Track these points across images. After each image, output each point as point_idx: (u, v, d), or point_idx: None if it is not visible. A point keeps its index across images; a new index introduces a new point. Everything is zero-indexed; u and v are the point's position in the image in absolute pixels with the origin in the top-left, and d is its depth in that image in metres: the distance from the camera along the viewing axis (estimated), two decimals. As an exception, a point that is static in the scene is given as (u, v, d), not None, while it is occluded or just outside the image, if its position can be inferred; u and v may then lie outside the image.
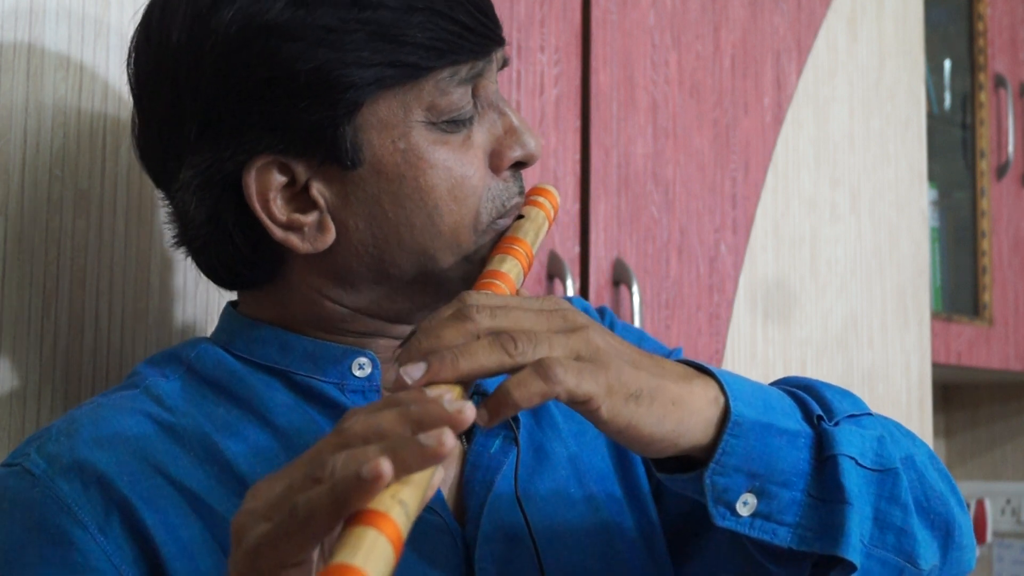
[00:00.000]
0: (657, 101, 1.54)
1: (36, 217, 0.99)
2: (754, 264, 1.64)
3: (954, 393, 2.70)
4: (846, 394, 0.84)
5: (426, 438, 0.60)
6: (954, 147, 2.32)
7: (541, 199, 0.89)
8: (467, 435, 0.88)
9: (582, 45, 1.47)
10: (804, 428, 0.78)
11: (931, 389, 1.93)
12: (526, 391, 0.69)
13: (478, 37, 0.82)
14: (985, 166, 2.27)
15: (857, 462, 0.78)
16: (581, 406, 0.71)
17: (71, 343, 1.00)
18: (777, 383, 0.85)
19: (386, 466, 0.58)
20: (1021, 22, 2.38)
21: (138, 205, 1.05)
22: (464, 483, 0.86)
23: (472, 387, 0.72)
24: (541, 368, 0.69)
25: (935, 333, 2.03)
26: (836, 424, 0.79)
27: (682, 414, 0.74)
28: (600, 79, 1.47)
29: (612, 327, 1.01)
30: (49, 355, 0.99)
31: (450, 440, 0.60)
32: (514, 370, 0.70)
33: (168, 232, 0.96)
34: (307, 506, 0.59)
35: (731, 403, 0.76)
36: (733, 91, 1.64)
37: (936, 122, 2.25)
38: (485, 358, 0.70)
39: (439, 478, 0.65)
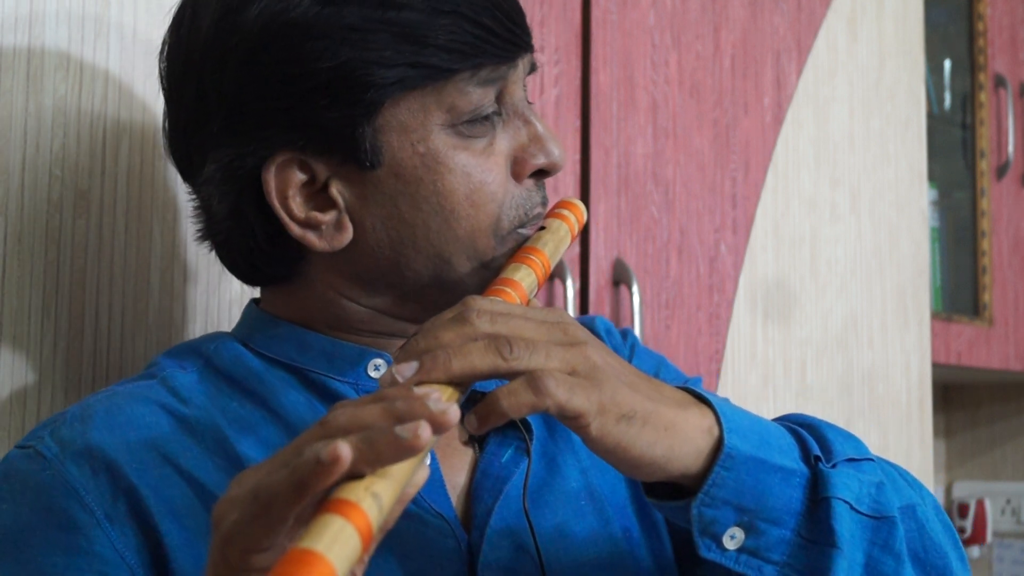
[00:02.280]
0: (657, 101, 1.54)
1: (36, 217, 0.99)
2: (754, 264, 1.64)
3: (954, 393, 2.70)
4: (849, 437, 0.83)
5: (402, 430, 0.60)
6: (954, 147, 2.32)
7: (566, 212, 0.89)
8: (480, 443, 0.88)
9: (582, 45, 1.47)
10: (800, 467, 0.77)
11: (931, 389, 1.93)
12: (515, 401, 0.69)
13: (503, 41, 0.82)
14: (985, 166, 2.27)
15: (852, 507, 0.77)
16: (571, 421, 0.71)
17: (71, 343, 1.00)
18: (780, 419, 0.84)
19: (344, 450, 0.58)
20: (1021, 22, 2.38)
21: (138, 205, 1.05)
22: (473, 490, 0.86)
23: (467, 391, 0.72)
24: (533, 380, 0.69)
25: (935, 333, 2.03)
26: (834, 466, 0.78)
27: (673, 440, 0.73)
28: (600, 79, 1.47)
29: (633, 349, 1.01)
30: (49, 355, 0.99)
31: (426, 434, 0.60)
32: (508, 375, 0.70)
33: (164, 234, 0.96)
34: (268, 490, 0.59)
35: (725, 435, 0.75)
36: (733, 91, 1.64)
37: (936, 122, 2.25)
38: (479, 360, 0.69)
39: (422, 477, 0.65)
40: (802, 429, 0.81)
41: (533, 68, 0.87)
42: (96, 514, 0.77)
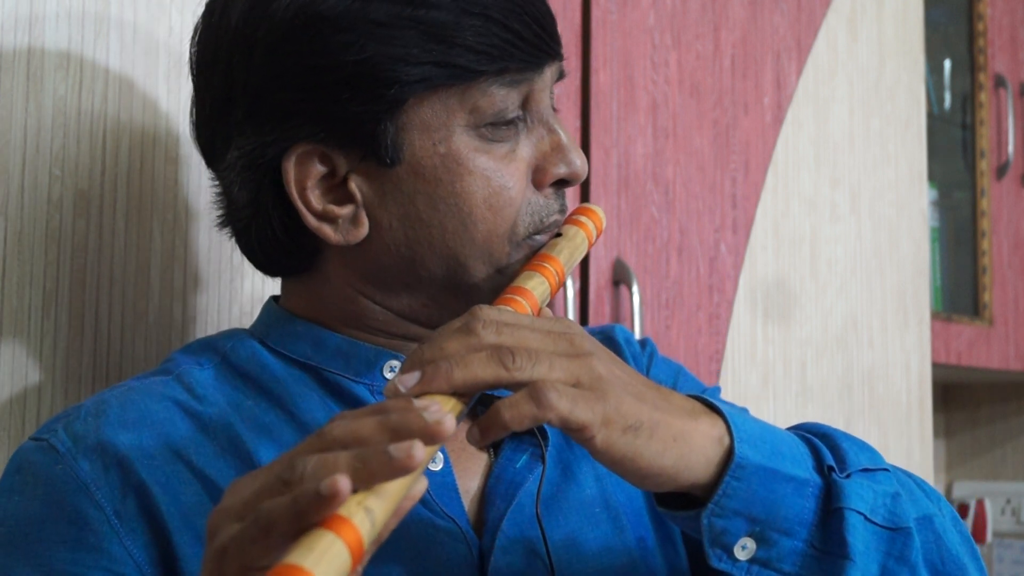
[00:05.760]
0: (657, 101, 1.54)
1: (36, 217, 0.99)
2: (754, 264, 1.64)
3: (954, 393, 2.70)
4: (864, 447, 0.82)
5: (396, 450, 0.60)
6: (954, 147, 2.32)
7: (584, 219, 0.89)
8: (495, 449, 0.88)
9: (582, 45, 1.47)
10: (813, 477, 0.77)
11: (931, 389, 1.93)
12: (517, 412, 0.68)
13: (530, 47, 0.82)
14: (985, 166, 2.27)
15: (866, 518, 0.76)
16: (576, 433, 0.70)
17: (71, 343, 1.00)
18: (795, 428, 0.83)
19: (344, 483, 0.57)
20: (1021, 22, 2.38)
21: (138, 205, 1.05)
22: (486, 495, 0.86)
23: (471, 402, 0.72)
24: (534, 391, 0.69)
25: (935, 333, 2.03)
26: (848, 476, 0.77)
27: (683, 450, 0.73)
28: (600, 79, 1.47)
29: (652, 358, 1.00)
30: (49, 355, 0.99)
31: (419, 453, 0.60)
32: (511, 386, 0.70)
33: (164, 234, 0.96)
34: (269, 515, 0.59)
35: (736, 444, 0.74)
36: (733, 91, 1.64)
37: (936, 122, 2.25)
38: (481, 370, 0.69)
39: (420, 489, 0.65)
40: (816, 439, 0.80)
41: (561, 75, 0.88)
42: (106, 510, 0.77)
